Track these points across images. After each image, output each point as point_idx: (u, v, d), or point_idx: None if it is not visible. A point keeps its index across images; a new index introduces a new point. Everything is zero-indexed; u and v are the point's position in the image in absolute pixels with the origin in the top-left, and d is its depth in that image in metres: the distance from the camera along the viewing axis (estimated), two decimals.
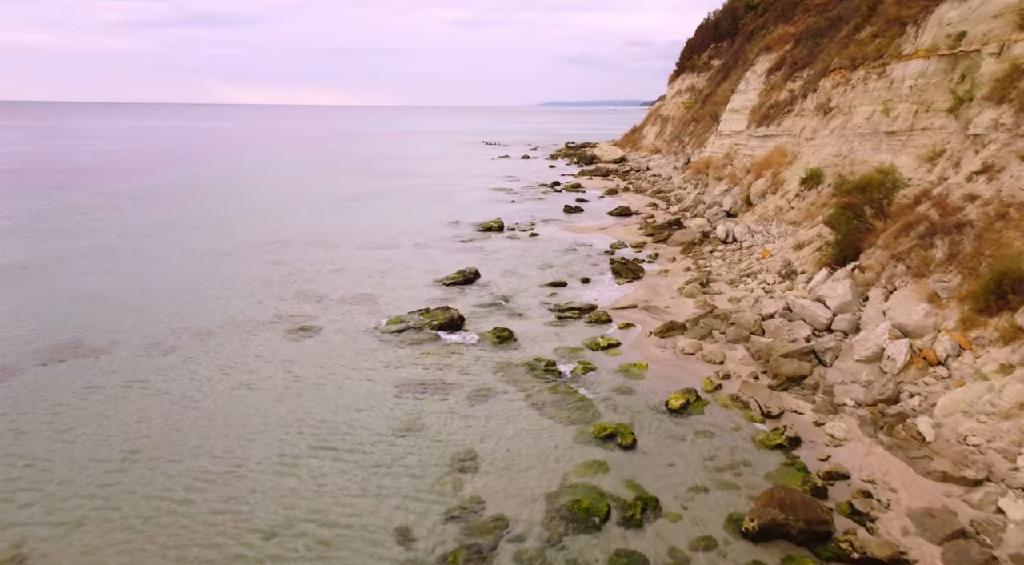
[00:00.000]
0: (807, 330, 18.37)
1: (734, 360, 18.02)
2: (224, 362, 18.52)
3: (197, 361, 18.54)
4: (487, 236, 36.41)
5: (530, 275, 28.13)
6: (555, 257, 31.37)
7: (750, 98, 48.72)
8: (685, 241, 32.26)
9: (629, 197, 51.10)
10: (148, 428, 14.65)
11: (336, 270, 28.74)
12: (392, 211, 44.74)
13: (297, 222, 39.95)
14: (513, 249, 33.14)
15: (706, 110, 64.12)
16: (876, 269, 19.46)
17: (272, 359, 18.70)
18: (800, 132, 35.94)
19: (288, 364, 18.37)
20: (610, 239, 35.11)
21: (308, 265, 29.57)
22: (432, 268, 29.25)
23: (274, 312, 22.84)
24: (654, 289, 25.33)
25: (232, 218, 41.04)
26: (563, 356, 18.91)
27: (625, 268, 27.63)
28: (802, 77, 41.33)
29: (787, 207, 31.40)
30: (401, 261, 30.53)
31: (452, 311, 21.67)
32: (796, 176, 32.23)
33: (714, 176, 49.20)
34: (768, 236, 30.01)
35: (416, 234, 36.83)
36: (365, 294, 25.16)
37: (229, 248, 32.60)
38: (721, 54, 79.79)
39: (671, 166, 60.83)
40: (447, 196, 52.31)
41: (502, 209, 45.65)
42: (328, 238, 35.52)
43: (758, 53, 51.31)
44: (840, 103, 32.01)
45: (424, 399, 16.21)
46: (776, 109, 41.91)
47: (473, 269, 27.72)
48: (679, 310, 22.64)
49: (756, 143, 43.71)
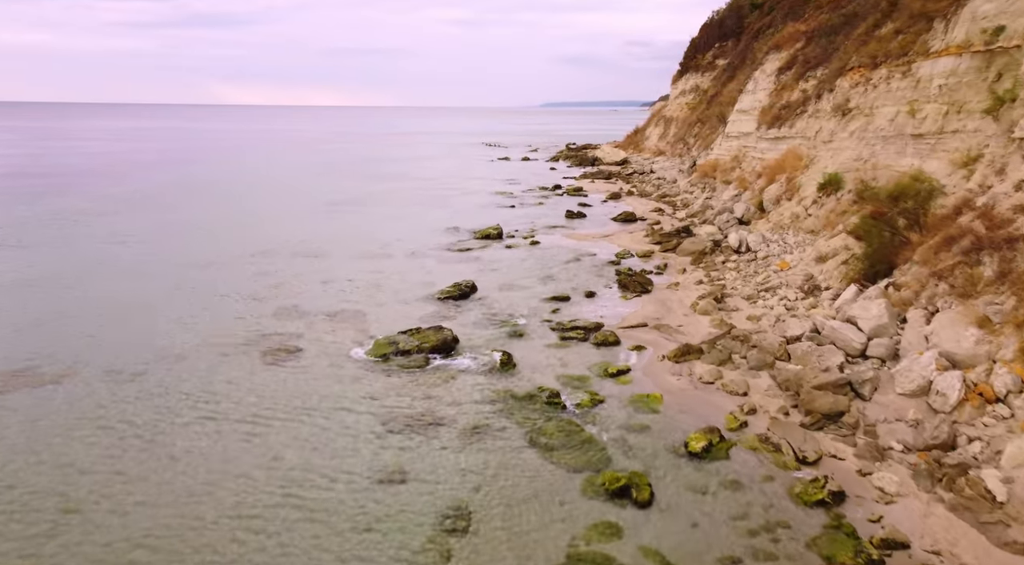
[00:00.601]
0: (839, 356, 16.49)
1: (759, 391, 16.14)
2: (191, 390, 16.66)
3: (162, 390, 16.67)
4: (485, 244, 34.54)
5: (531, 288, 26.27)
6: (557, 268, 29.50)
7: (759, 98, 46.87)
8: (695, 250, 30.38)
9: (633, 201, 49.23)
10: (91, 477, 12.77)
11: (324, 282, 26.87)
12: (387, 217, 42.88)
13: (288, 228, 38.09)
14: (512, 259, 31.27)
15: (711, 111, 62.25)
16: (914, 287, 17.58)
17: (245, 388, 16.83)
18: (815, 134, 34.07)
19: (262, 394, 16.50)
20: (615, 247, 33.23)
21: (294, 277, 27.72)
22: (426, 280, 27.39)
23: (253, 331, 20.97)
24: (665, 305, 23.46)
25: (220, 224, 39.19)
26: (568, 385, 17.04)
27: (632, 281, 25.76)
28: (815, 76, 39.49)
29: (804, 214, 29.52)
30: (393, 272, 28.67)
31: (445, 332, 19.79)
32: (813, 181, 30.35)
33: (722, 179, 47.34)
34: (784, 246, 28.14)
35: (411, 242, 34.97)
36: (353, 310, 23.29)
37: (213, 258, 30.72)
38: (726, 53, 77.93)
39: (676, 169, 58.97)
40: (444, 200, 50.45)
41: (501, 214, 43.79)
42: (318, 246, 33.67)
43: (767, 52, 49.45)
44: (860, 104, 30.13)
45: (411, 438, 14.34)
46: (788, 110, 40.05)
47: (469, 282, 25.86)
48: (693, 329, 20.76)
49: (766, 145, 41.85)
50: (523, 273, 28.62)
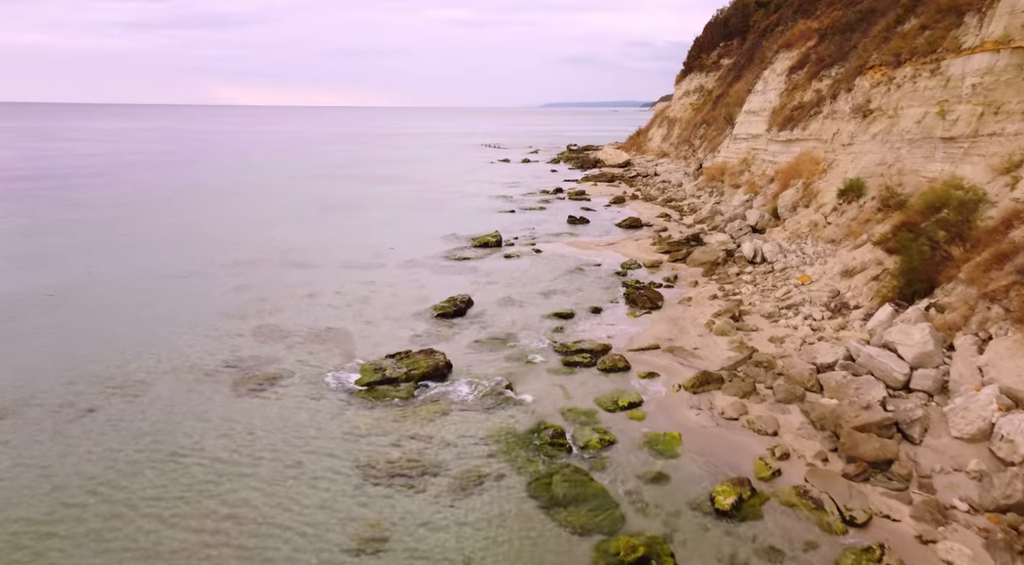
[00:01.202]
0: (879, 389, 14.61)
1: (790, 429, 14.26)
2: (149, 428, 14.79)
3: (116, 428, 14.79)
4: (483, 253, 32.66)
5: (531, 303, 24.39)
6: (560, 280, 27.62)
7: (769, 99, 44.99)
8: (706, 260, 28.49)
9: (638, 206, 47.34)
10: (24, 537, 10.91)
11: (309, 296, 25.00)
12: (381, 222, 40.99)
13: (277, 235, 36.22)
14: (512, 270, 29.39)
15: (718, 112, 60.36)
16: (961, 310, 15.70)
17: (210, 426, 14.95)
18: (833, 137, 32.19)
19: (228, 432, 14.62)
20: (621, 257, 31.34)
21: (278, 290, 25.84)
22: (419, 294, 25.51)
23: (227, 355, 19.10)
24: (677, 323, 21.57)
25: (205, 230, 37.32)
26: (574, 421, 15.15)
27: (641, 296, 23.88)
28: (830, 76, 37.61)
29: (823, 222, 27.63)
30: (385, 285, 26.79)
31: (437, 357, 17.91)
32: (832, 187, 28.47)
33: (730, 183, 45.46)
34: (803, 256, 26.25)
35: (405, 249, 33.09)
36: (338, 329, 21.41)
37: (191, 269, 28.85)
38: (731, 53, 76.08)
39: (681, 172, 57.08)
40: (441, 204, 48.57)
41: (500, 220, 41.91)
42: (308, 254, 31.80)
43: (777, 51, 47.57)
44: (883, 104, 28.24)
45: (395, 490, 12.46)
46: (801, 111, 38.17)
47: (465, 296, 23.99)
48: (710, 353, 18.87)
49: (778, 148, 39.97)
50: (523, 286, 26.74)
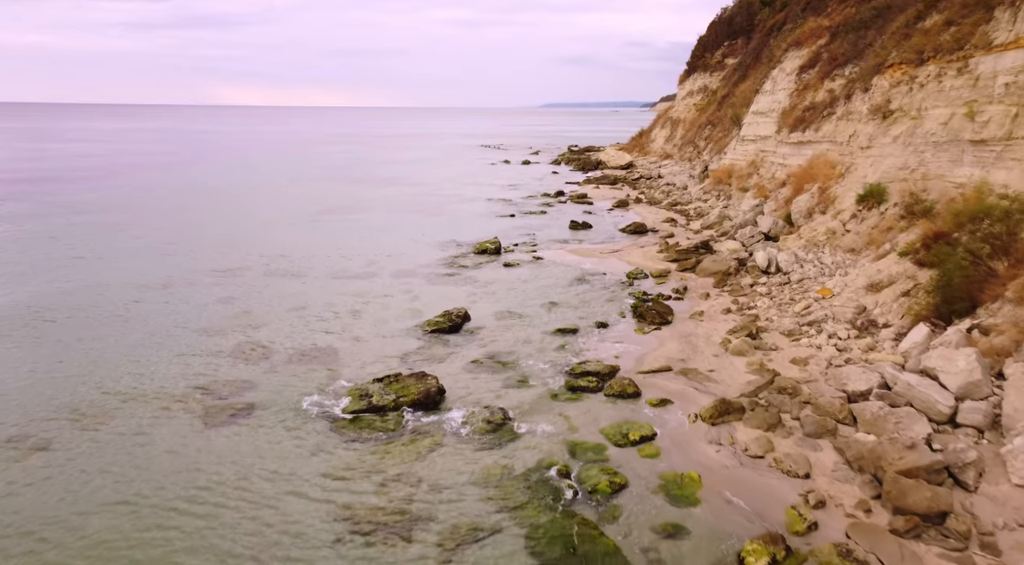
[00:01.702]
0: (922, 424, 13.05)
1: (823, 470, 12.69)
2: (106, 466, 13.22)
3: (71, 465, 13.24)
4: (481, 261, 31.10)
5: (532, 317, 22.83)
6: (562, 290, 26.05)
7: (778, 99, 43.44)
8: (717, 270, 26.92)
9: (642, 210, 45.78)
10: None
11: (295, 310, 23.44)
12: (376, 227, 39.45)
13: (266, 241, 34.66)
14: (511, 279, 27.83)
15: (723, 112, 58.82)
16: (1011, 333, 14.14)
17: (176, 463, 13.38)
18: (849, 139, 30.63)
19: (196, 472, 13.06)
20: (626, 266, 29.77)
21: (264, 302, 24.30)
22: (412, 306, 23.97)
23: (202, 378, 17.54)
24: (690, 341, 19.99)
25: (191, 236, 35.77)
26: (580, 457, 13.59)
27: (649, 310, 22.31)
28: (844, 75, 36.07)
29: (841, 230, 26.07)
30: (376, 297, 25.24)
31: (429, 381, 16.34)
32: (851, 192, 26.91)
33: (738, 187, 43.90)
34: (821, 267, 24.68)
35: (399, 257, 31.54)
36: (324, 347, 19.84)
37: (171, 278, 27.30)
38: (736, 52, 74.61)
39: (686, 174, 55.52)
40: (439, 208, 47.02)
41: (499, 225, 40.38)
42: (297, 263, 30.25)
43: (786, 49, 46.03)
44: (904, 105, 26.67)
45: (376, 545, 10.90)
46: (813, 112, 36.63)
47: (461, 309, 22.43)
48: (727, 375, 17.31)
49: (788, 150, 38.43)
50: (524, 297, 25.19)
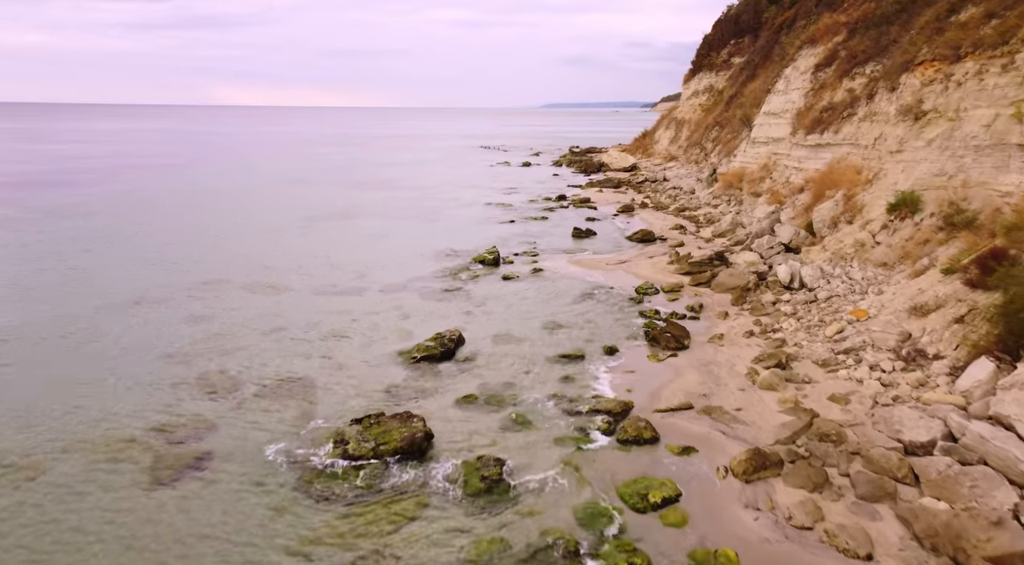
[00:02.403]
0: (1005, 490, 10.87)
1: (888, 548, 10.50)
2: (31, 535, 11.06)
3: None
4: (478, 273, 28.91)
5: (533, 340, 20.65)
6: (565, 308, 23.87)
7: (792, 99, 41.26)
8: (735, 286, 24.73)
9: (649, 216, 43.57)
10: None
11: (274, 331, 21.27)
12: (368, 235, 37.26)
13: (250, 251, 32.48)
14: (510, 295, 25.64)
15: (731, 113, 56.64)
16: None
17: (111, 530, 11.22)
18: (875, 142, 28.43)
19: (132, 544, 10.89)
20: (635, 279, 27.56)
21: (239, 322, 22.14)
22: (402, 327, 21.80)
23: (156, 417, 15.37)
24: (711, 370, 17.80)
25: (170, 245, 33.58)
26: (590, 525, 11.41)
27: (664, 333, 20.12)
28: (864, 73, 33.87)
29: (871, 242, 23.88)
30: (363, 314, 23.06)
31: (415, 424, 14.15)
32: (881, 200, 24.71)
33: (750, 191, 41.71)
34: (850, 283, 22.48)
35: (390, 270, 29.36)
36: (301, 378, 17.66)
37: (144, 293, 25.14)
38: (743, 51, 72.44)
39: (693, 177, 53.31)
40: (435, 214, 44.83)
41: (499, 232, 38.20)
42: (281, 275, 28.07)
43: (799, 47, 43.85)
44: (939, 105, 24.48)
45: None
46: (832, 113, 34.44)
47: (455, 332, 20.25)
48: (758, 415, 15.12)
49: (805, 153, 36.24)
50: (523, 316, 23.01)
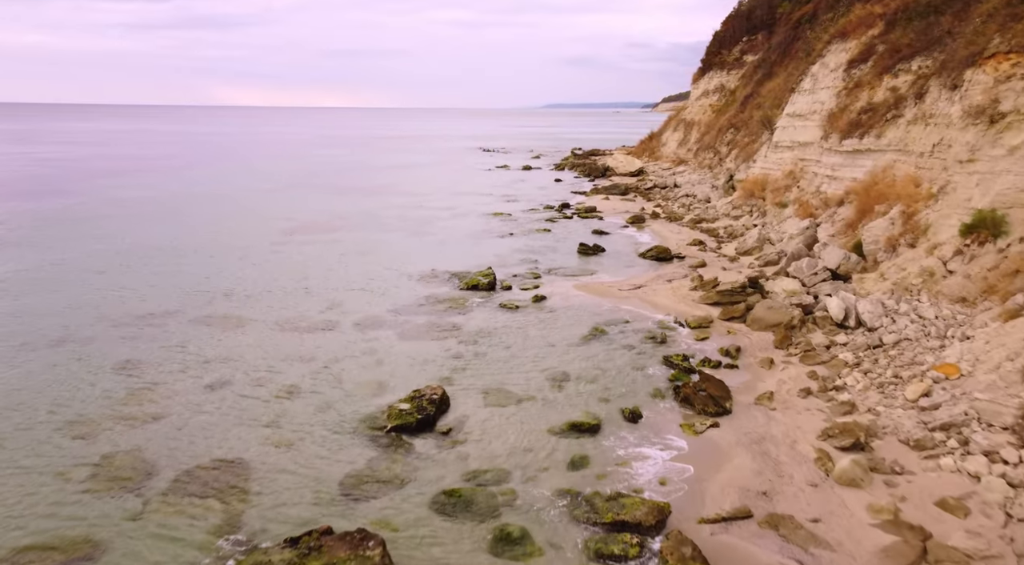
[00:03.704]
0: None
1: None
2: None
3: None
4: (471, 301, 24.83)
5: (533, 398, 16.56)
6: (573, 350, 19.78)
7: (821, 99, 37.21)
8: (777, 322, 20.62)
9: (661, 228, 39.47)
10: None
11: (215, 387, 17.18)
12: (347, 253, 33.18)
13: (210, 273, 28.38)
14: (507, 330, 21.56)
15: (748, 114, 52.56)
16: None
17: None
18: (933, 148, 24.33)
19: None
20: (653, 310, 23.46)
21: (175, 370, 18.08)
22: (374, 378, 17.73)
23: (20, 538, 11.30)
24: (766, 451, 13.70)
25: (118, 266, 29.47)
26: None
27: (698, 391, 16.03)
28: (910, 70, 29.84)
29: (942, 271, 19.79)
30: (329, 362, 18.97)
31: (368, 554, 10.06)
32: (952, 220, 20.60)
33: (774, 202, 37.66)
34: (923, 323, 18.36)
35: (368, 297, 25.29)
36: (232, 463, 13.57)
37: (69, 330, 21.08)
38: (756, 48, 68.43)
39: (708, 183, 49.20)
40: (427, 225, 40.74)
41: (496, 247, 34.13)
42: (239, 306, 24.00)
43: (828, 42, 39.78)
44: (1022, 106, 20.42)
45: None
46: (873, 115, 30.39)
47: (437, 389, 16.17)
48: (843, 531, 11.02)
49: (839, 160, 32.19)
50: (523, 362, 18.92)
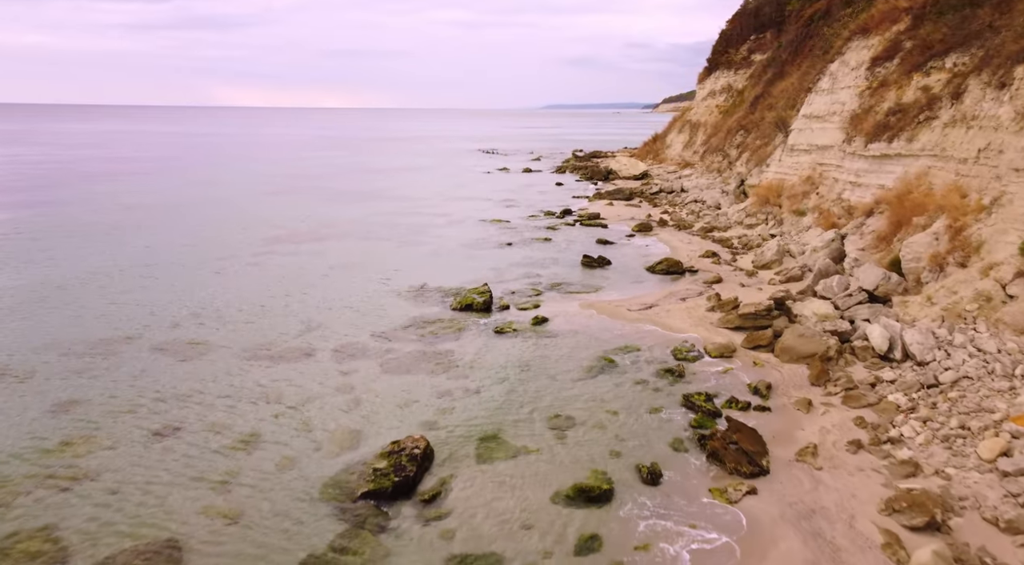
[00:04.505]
0: None
1: None
2: None
3: None
4: (463, 323, 22.34)
5: (533, 451, 14.04)
6: (579, 386, 17.27)
7: (842, 100, 34.77)
8: (811, 353, 18.09)
9: (670, 237, 36.97)
10: None
11: (162, 435, 14.68)
12: (332, 266, 30.67)
13: (176, 293, 25.85)
14: (504, 362, 19.05)
15: (759, 116, 50.09)
16: None
17: None
18: (978, 154, 21.86)
19: None
20: (667, 334, 20.95)
21: (121, 411, 15.59)
22: (347, 423, 15.24)
23: None
24: (819, 530, 11.19)
25: (80, 283, 26.96)
26: None
27: (729, 447, 13.53)
28: (944, 67, 27.43)
29: (1001, 296, 17.31)
30: (297, 403, 16.45)
31: None
32: (1010, 237, 18.10)
33: (791, 209, 35.19)
34: (983, 359, 15.85)
35: (349, 320, 22.79)
36: (165, 547, 11.08)
37: (9, 360, 18.57)
38: (764, 46, 65.96)
39: (717, 189, 46.71)
40: (419, 234, 38.25)
41: (493, 260, 31.64)
42: (206, 330, 21.51)
43: (848, 38, 37.33)
44: None
45: None
46: (903, 116, 27.92)
47: (419, 442, 13.68)
48: None
49: (865, 165, 29.73)
50: (520, 402, 16.41)
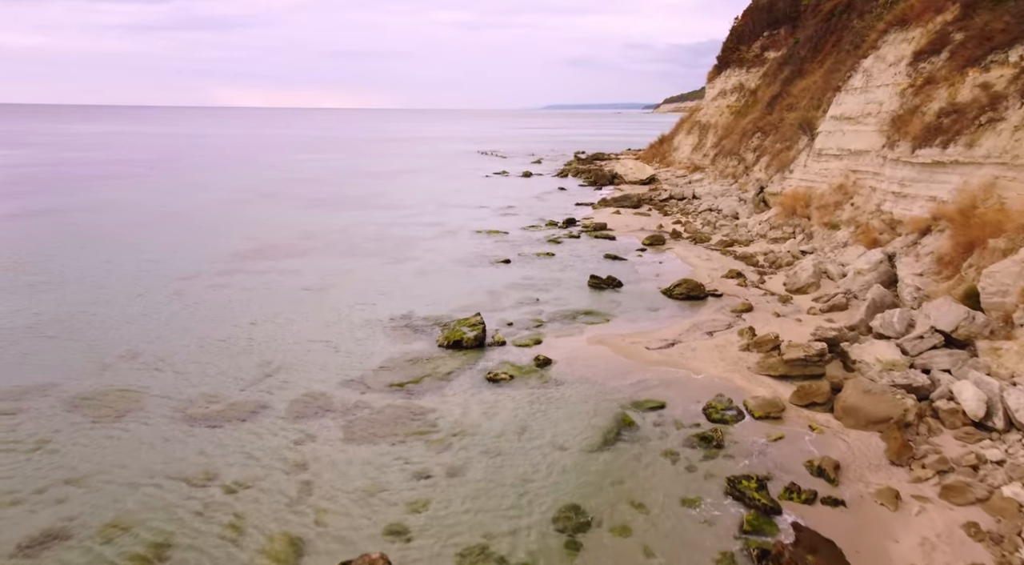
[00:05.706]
0: None
1: None
2: None
3: None
4: (449, 366, 18.70)
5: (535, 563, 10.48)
6: (591, 465, 13.63)
7: (879, 99, 31.14)
8: (882, 416, 14.45)
9: (686, 251, 33.30)
10: None
11: (34, 546, 11.09)
12: (303, 288, 27.02)
13: (118, 323, 22.23)
14: (496, 422, 15.40)
15: (778, 116, 46.43)
16: None
17: None
18: None
19: None
20: (695, 382, 17.28)
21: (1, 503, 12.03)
22: (284, 536, 11.61)
23: None
24: None
25: (4, 311, 23.42)
26: None
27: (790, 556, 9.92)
28: (1006, 61, 23.95)
29: None
30: (228, 491, 12.80)
31: None
32: None
33: (822, 221, 31.56)
34: None
35: (317, 359, 19.17)
36: None
37: None
38: (779, 43, 62.36)
39: (733, 196, 43.04)
40: (407, 248, 34.64)
41: (488, 280, 28.02)
42: (137, 374, 17.89)
43: (883, 31, 33.69)
44: None
45: None
46: (959, 118, 24.31)
47: (378, 563, 10.08)
48: None
49: (912, 174, 26.09)
50: (516, 489, 12.78)
